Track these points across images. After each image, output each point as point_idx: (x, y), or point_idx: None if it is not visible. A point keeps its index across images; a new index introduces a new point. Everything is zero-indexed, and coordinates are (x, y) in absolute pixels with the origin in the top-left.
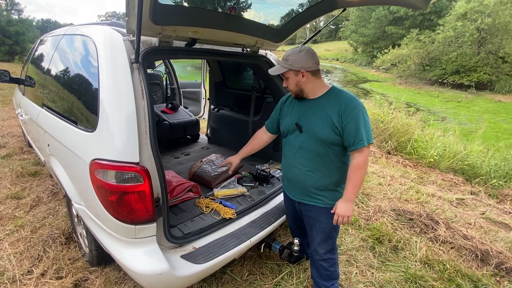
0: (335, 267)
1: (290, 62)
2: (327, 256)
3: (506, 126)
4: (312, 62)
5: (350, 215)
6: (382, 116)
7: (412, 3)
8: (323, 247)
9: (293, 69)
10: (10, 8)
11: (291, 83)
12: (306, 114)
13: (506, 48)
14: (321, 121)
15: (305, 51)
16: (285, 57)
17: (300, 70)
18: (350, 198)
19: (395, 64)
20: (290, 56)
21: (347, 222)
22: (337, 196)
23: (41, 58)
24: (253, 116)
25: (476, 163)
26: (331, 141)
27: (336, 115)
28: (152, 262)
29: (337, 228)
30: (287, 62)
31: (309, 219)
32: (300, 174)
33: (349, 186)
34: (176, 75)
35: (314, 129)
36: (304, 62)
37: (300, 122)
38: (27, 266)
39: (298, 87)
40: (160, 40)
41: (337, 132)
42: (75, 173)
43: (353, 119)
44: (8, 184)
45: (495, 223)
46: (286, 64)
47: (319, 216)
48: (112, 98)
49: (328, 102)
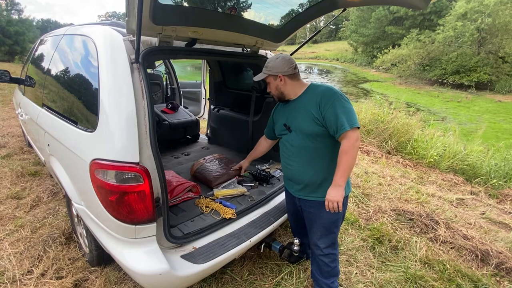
0: (336, 263)
1: (269, 68)
2: (328, 251)
3: (506, 126)
4: (287, 67)
5: (339, 200)
6: (382, 116)
7: (412, 3)
8: (324, 241)
9: (272, 74)
10: (10, 8)
11: (272, 87)
12: (291, 114)
13: (506, 48)
14: (304, 116)
15: (281, 58)
16: (265, 65)
17: (278, 75)
18: (338, 183)
19: (395, 64)
20: (269, 63)
21: (337, 209)
22: None
23: (41, 58)
24: (253, 116)
25: (476, 163)
26: (316, 133)
27: (315, 108)
28: (152, 262)
29: (338, 224)
30: (266, 68)
31: (309, 214)
32: (296, 171)
33: (337, 171)
34: (176, 75)
35: (300, 125)
36: (280, 67)
37: (288, 122)
38: (27, 266)
39: (278, 90)
40: (160, 40)
41: (319, 123)
42: (75, 173)
43: (330, 107)
44: (8, 184)
45: (495, 223)
46: (266, 70)
47: (319, 211)
48: (112, 98)
49: (306, 98)
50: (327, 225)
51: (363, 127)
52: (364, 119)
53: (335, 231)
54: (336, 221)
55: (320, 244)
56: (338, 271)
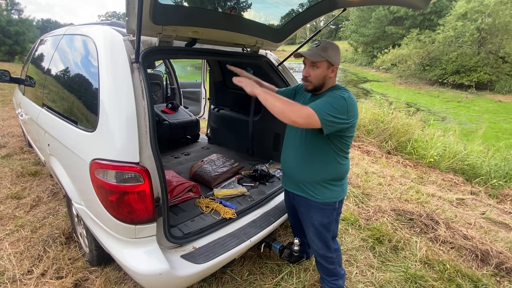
0: (334, 265)
1: (329, 54)
2: (322, 253)
3: (506, 126)
4: (339, 60)
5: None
6: (382, 116)
7: (412, 3)
8: (316, 243)
9: (330, 61)
10: (10, 8)
11: (318, 75)
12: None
13: (506, 48)
14: None
15: (338, 48)
16: (322, 47)
17: (334, 65)
18: (257, 90)
19: (395, 64)
20: (329, 48)
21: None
22: (326, 192)
23: (41, 58)
24: (253, 116)
25: (476, 163)
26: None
27: None
28: (152, 262)
29: (329, 227)
30: (325, 52)
31: (301, 214)
32: (292, 165)
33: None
34: (176, 75)
35: None
36: (338, 58)
37: None
38: (27, 266)
39: (323, 81)
40: (160, 40)
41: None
42: (75, 173)
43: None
44: (8, 184)
45: (495, 223)
46: (325, 55)
47: (309, 212)
48: (112, 98)
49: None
50: (317, 227)
51: (363, 127)
52: (364, 119)
53: (326, 235)
54: (327, 225)
55: (313, 245)
56: (338, 272)
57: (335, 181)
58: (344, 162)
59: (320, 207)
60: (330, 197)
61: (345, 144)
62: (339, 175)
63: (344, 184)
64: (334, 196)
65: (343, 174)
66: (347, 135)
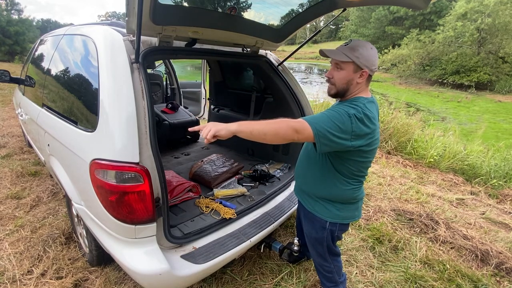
0: (332, 274)
1: (357, 54)
2: (318, 261)
3: (506, 126)
4: (375, 65)
5: (211, 129)
6: (382, 116)
7: (412, 3)
8: (311, 252)
9: (357, 63)
10: (10, 8)
11: (341, 77)
12: None
13: (506, 48)
14: None
15: (375, 50)
16: (351, 46)
17: (363, 68)
18: (232, 126)
19: (395, 64)
20: (360, 48)
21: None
22: (317, 206)
23: (41, 58)
24: (253, 116)
25: (476, 163)
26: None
27: None
28: (152, 262)
29: (322, 243)
30: (353, 53)
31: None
32: (297, 168)
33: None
34: (176, 75)
35: None
36: (370, 61)
37: None
38: (27, 266)
39: (347, 86)
40: (160, 40)
41: None
42: (75, 173)
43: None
44: (8, 184)
45: (495, 223)
46: (352, 55)
47: (304, 219)
48: (112, 98)
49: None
50: (310, 239)
51: None
52: None
53: (318, 249)
54: (319, 239)
55: (310, 252)
56: (336, 280)
57: (331, 201)
58: (345, 187)
59: (310, 218)
60: (320, 213)
61: (349, 169)
62: (336, 197)
63: (344, 208)
64: (324, 214)
65: (343, 198)
66: (353, 159)
